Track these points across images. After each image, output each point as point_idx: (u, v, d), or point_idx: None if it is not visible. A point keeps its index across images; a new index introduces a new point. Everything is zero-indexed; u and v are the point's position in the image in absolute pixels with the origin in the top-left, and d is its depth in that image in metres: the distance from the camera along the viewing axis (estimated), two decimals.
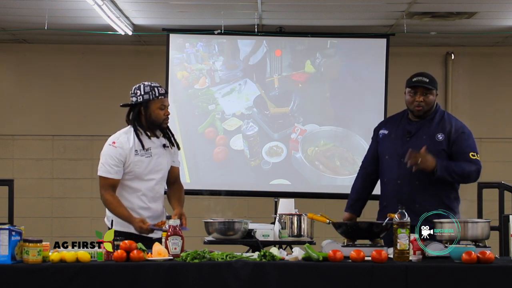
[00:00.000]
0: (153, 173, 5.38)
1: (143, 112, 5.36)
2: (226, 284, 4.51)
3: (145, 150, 5.35)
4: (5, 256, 4.52)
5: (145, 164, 5.34)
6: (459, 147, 5.49)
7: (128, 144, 5.34)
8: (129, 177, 5.34)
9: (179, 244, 4.83)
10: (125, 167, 5.33)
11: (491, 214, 7.40)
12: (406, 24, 8.56)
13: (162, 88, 5.43)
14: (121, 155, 5.31)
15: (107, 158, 5.33)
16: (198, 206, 8.35)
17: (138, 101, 5.38)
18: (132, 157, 5.32)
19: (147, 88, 5.39)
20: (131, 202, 5.35)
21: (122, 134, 5.42)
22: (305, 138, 9.05)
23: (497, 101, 10.13)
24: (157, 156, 5.39)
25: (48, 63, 10.09)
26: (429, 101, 5.54)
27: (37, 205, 10.00)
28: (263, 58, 9.11)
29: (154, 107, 5.35)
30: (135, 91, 5.42)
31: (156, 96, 5.37)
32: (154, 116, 5.35)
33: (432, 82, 5.57)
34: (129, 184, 5.35)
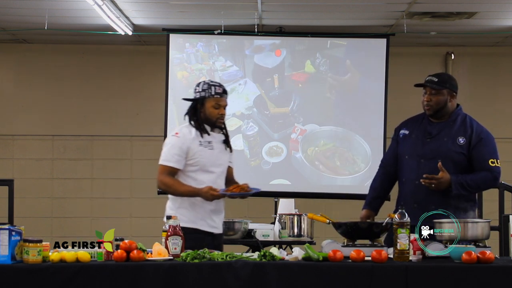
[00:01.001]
0: (215, 166, 5.43)
1: (199, 109, 5.45)
2: (226, 284, 4.51)
3: (207, 142, 5.42)
4: (5, 256, 4.52)
5: (208, 155, 5.40)
6: (478, 153, 5.48)
7: (190, 135, 5.42)
8: (194, 168, 5.38)
9: (179, 244, 4.83)
10: (189, 157, 5.37)
11: (491, 214, 7.40)
12: (406, 24, 8.56)
13: (220, 87, 5.47)
14: (184, 144, 5.37)
15: (169, 147, 5.42)
16: None
17: (196, 97, 5.47)
18: (196, 147, 5.38)
19: (205, 86, 5.46)
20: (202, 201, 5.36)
21: (184, 127, 5.51)
22: (305, 138, 9.05)
23: (497, 101, 10.13)
24: (218, 150, 5.47)
25: (48, 63, 10.09)
26: (438, 101, 5.50)
27: (37, 205, 10.00)
28: (263, 58, 9.11)
29: (209, 105, 5.43)
30: (195, 88, 5.52)
31: (211, 95, 5.43)
32: (208, 114, 5.42)
33: (442, 82, 5.52)
34: (194, 176, 5.39)
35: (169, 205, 5.50)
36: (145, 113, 10.09)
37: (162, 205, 10.02)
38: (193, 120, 5.47)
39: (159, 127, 9.22)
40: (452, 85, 5.57)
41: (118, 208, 10.06)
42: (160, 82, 9.32)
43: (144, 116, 10.09)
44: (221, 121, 5.47)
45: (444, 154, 5.44)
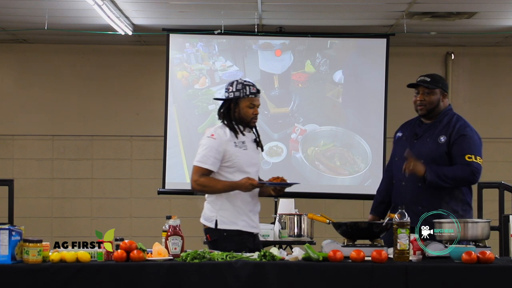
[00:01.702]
0: (250, 166, 5.42)
1: (233, 109, 5.41)
2: (226, 284, 4.51)
3: (241, 143, 5.40)
4: (5, 256, 4.52)
5: (243, 156, 5.38)
6: (456, 149, 5.46)
7: (226, 136, 5.38)
8: (231, 170, 5.37)
9: (179, 244, 4.83)
10: (226, 159, 5.35)
11: (491, 214, 7.40)
12: (406, 24, 8.56)
13: (254, 87, 5.45)
14: (220, 146, 5.34)
15: (205, 149, 5.37)
16: (198, 206, 8.34)
17: (229, 97, 5.42)
18: (232, 148, 5.36)
19: (239, 85, 5.41)
20: (235, 196, 5.36)
21: (217, 128, 5.46)
22: (305, 138, 9.05)
23: (497, 101, 10.13)
24: (251, 150, 5.45)
25: (48, 63, 10.09)
26: (431, 100, 5.55)
27: (37, 205, 10.00)
28: (263, 58, 9.11)
29: (243, 104, 5.39)
30: (228, 87, 5.46)
31: (246, 95, 5.40)
32: (243, 114, 5.39)
33: (435, 82, 5.57)
34: (231, 177, 5.37)
35: (208, 208, 5.45)
36: (145, 113, 10.09)
37: (162, 205, 10.12)
38: (226, 120, 5.43)
39: (159, 127, 9.22)
40: (444, 85, 5.64)
41: (118, 208, 10.06)
42: (160, 82, 9.32)
43: (144, 116, 10.09)
44: (255, 121, 5.45)
45: (426, 154, 5.48)
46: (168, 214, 5.19)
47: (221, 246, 5.12)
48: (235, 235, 5.25)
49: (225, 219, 5.31)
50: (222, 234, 5.30)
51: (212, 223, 5.35)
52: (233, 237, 5.23)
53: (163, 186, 9.02)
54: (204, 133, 5.47)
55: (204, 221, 5.42)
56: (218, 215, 5.33)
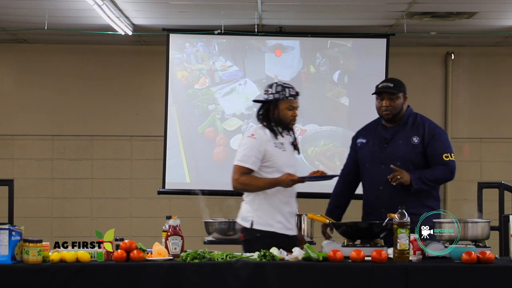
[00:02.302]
0: (288, 167, 5.45)
1: (272, 110, 5.46)
2: (226, 284, 4.51)
3: (280, 144, 5.46)
4: (5, 256, 4.53)
5: (283, 157, 5.43)
6: (432, 149, 5.59)
7: (266, 136, 5.44)
8: (270, 170, 5.41)
9: (179, 244, 4.83)
10: (266, 159, 5.40)
11: (491, 214, 7.40)
12: (406, 24, 8.56)
13: (293, 89, 5.50)
14: (261, 145, 5.39)
15: (246, 149, 5.42)
16: (198, 206, 8.35)
17: (269, 99, 5.47)
18: (272, 148, 5.41)
19: (279, 87, 5.47)
20: (274, 197, 5.39)
21: (257, 128, 5.52)
22: (305, 138, 9.05)
23: (497, 101, 10.12)
24: (289, 151, 5.51)
25: (48, 63, 10.09)
26: (396, 105, 5.65)
27: (37, 205, 10.00)
28: (263, 58, 9.11)
29: (283, 106, 5.45)
30: (267, 89, 5.52)
31: (286, 97, 5.45)
32: (282, 115, 5.45)
33: (398, 86, 5.69)
34: (270, 177, 5.40)
35: (245, 208, 5.48)
36: (145, 113, 10.08)
37: (162, 205, 10.12)
38: (266, 122, 5.49)
39: (159, 127, 9.22)
40: (405, 88, 5.76)
41: (118, 208, 10.06)
42: (160, 82, 9.31)
43: (144, 116, 10.08)
44: (294, 123, 5.52)
45: (401, 157, 5.57)
46: (168, 214, 5.20)
47: (253, 247, 5.11)
48: (268, 237, 5.27)
49: (261, 220, 5.35)
50: (255, 235, 5.33)
51: (248, 223, 5.39)
52: (266, 239, 5.25)
53: (163, 186, 9.01)
54: (243, 134, 5.56)
55: (241, 220, 5.46)
56: (254, 215, 5.37)
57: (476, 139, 10.09)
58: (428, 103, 10.00)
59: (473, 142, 10.08)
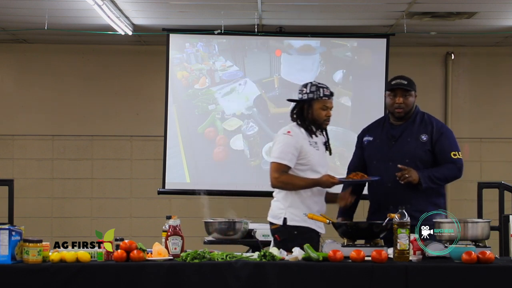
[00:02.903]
0: (321, 166, 5.50)
1: (306, 110, 5.48)
2: (226, 284, 4.52)
3: (314, 143, 5.49)
4: (5, 256, 4.53)
5: (316, 155, 5.46)
6: (441, 147, 5.61)
7: (300, 134, 5.47)
8: (304, 168, 5.43)
9: (179, 244, 4.83)
10: (301, 156, 5.42)
11: (491, 214, 7.40)
12: (406, 24, 8.56)
13: (328, 89, 5.52)
14: (297, 142, 5.42)
15: (282, 146, 5.44)
16: (198, 206, 8.36)
17: (303, 99, 5.48)
18: (307, 146, 5.44)
19: (313, 87, 5.49)
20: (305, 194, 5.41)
21: (293, 126, 5.54)
22: None
23: (497, 101, 10.12)
24: (322, 151, 5.55)
25: (48, 63, 10.09)
26: (409, 102, 5.66)
27: (37, 205, 10.00)
28: (263, 58, 9.11)
29: (317, 106, 5.48)
30: (302, 89, 5.53)
31: (320, 96, 5.48)
32: (316, 115, 5.47)
33: (411, 84, 5.68)
34: (303, 175, 5.43)
35: (276, 206, 5.50)
36: (145, 113, 10.08)
37: (162, 205, 10.11)
38: (300, 121, 5.50)
39: (159, 127, 9.22)
40: (416, 86, 5.77)
41: (118, 208, 10.06)
42: (160, 82, 9.31)
43: (144, 116, 10.08)
44: (327, 123, 5.54)
45: (410, 154, 5.60)
46: (168, 214, 5.20)
47: (291, 246, 5.04)
48: (306, 232, 5.31)
49: (295, 216, 5.36)
50: (292, 232, 5.34)
51: (280, 220, 5.41)
52: (304, 234, 5.28)
53: (163, 186, 9.01)
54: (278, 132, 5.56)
55: (272, 219, 5.48)
56: (287, 212, 5.39)
57: (476, 139, 10.09)
58: (428, 103, 9.99)
59: (473, 142, 10.08)
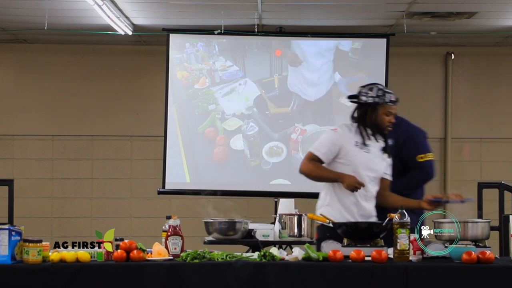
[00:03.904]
0: (368, 170, 5.40)
1: (369, 113, 5.40)
2: (226, 284, 4.51)
3: (364, 145, 5.39)
4: (5, 256, 4.53)
5: (362, 158, 5.36)
6: (405, 152, 5.65)
7: (348, 133, 5.41)
8: (346, 167, 5.36)
9: (179, 244, 4.83)
10: (341, 155, 5.37)
11: (491, 214, 7.40)
12: (406, 24, 8.56)
13: (393, 95, 5.44)
14: (338, 139, 5.38)
15: (323, 139, 5.44)
16: (198, 206, 8.36)
17: (367, 102, 5.41)
18: (350, 146, 5.37)
19: (379, 92, 5.41)
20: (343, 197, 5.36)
21: (343, 125, 5.51)
22: (305, 138, 9.04)
23: (497, 101, 10.12)
24: (375, 155, 5.42)
25: (48, 63, 10.09)
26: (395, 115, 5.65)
27: (37, 205, 10.00)
28: (263, 58, 9.11)
29: (381, 111, 5.39)
30: (367, 91, 5.43)
31: (385, 102, 5.39)
32: (379, 120, 5.39)
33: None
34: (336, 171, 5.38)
35: (318, 204, 5.51)
36: (145, 113, 10.08)
37: (162, 205, 10.11)
38: (361, 123, 5.42)
39: (159, 127, 9.22)
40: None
41: (118, 208, 10.06)
42: (160, 82, 9.31)
43: (144, 116, 10.09)
44: (389, 129, 5.44)
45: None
46: (168, 214, 5.20)
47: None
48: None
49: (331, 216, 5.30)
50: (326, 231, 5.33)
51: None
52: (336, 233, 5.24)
53: (163, 186, 9.01)
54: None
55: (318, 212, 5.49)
56: (324, 210, 5.38)
57: (476, 139, 10.09)
58: (428, 103, 10.01)
59: (473, 142, 10.08)
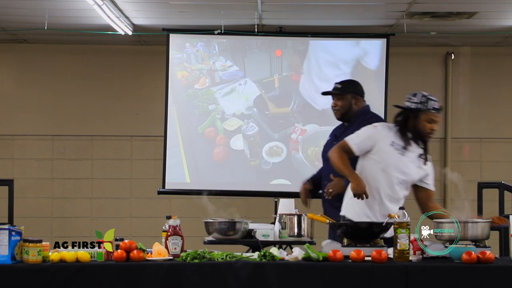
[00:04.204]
0: (398, 172, 5.42)
1: (411, 119, 5.42)
2: (226, 284, 4.51)
3: (400, 146, 5.41)
4: (5, 256, 4.53)
5: (395, 158, 5.39)
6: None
7: (387, 132, 5.43)
8: (378, 165, 5.40)
9: (179, 244, 4.83)
10: (374, 151, 5.41)
11: (491, 214, 7.39)
12: (406, 24, 8.56)
13: (437, 103, 5.43)
14: (375, 134, 5.42)
15: (360, 132, 5.48)
16: (198, 206, 8.36)
17: (410, 107, 5.42)
18: (385, 145, 5.40)
19: (423, 98, 5.41)
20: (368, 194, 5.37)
21: (385, 124, 5.57)
22: (305, 138, 9.05)
23: (497, 101, 10.12)
24: (410, 159, 5.44)
25: (48, 63, 10.09)
26: (342, 105, 5.86)
27: (37, 205, 10.00)
28: (263, 58, 9.11)
29: (423, 118, 5.40)
30: (410, 97, 5.46)
31: (428, 109, 5.39)
32: (420, 127, 5.40)
33: (344, 88, 5.86)
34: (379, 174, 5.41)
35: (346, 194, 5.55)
36: (145, 113, 10.09)
37: (162, 205, 10.11)
38: (402, 128, 5.43)
39: (159, 127, 9.22)
40: (356, 89, 5.90)
41: (118, 208, 10.06)
42: (160, 82, 9.31)
43: (144, 116, 10.09)
44: (430, 136, 5.46)
45: None
46: (168, 214, 5.20)
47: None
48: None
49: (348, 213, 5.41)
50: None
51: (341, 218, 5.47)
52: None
53: (163, 186, 9.02)
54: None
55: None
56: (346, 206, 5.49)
57: (476, 139, 10.09)
58: None
59: (473, 142, 10.08)
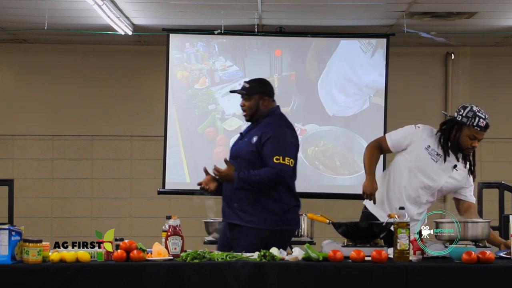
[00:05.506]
0: (425, 176, 5.49)
1: (454, 130, 5.45)
2: (226, 284, 4.51)
3: (436, 154, 5.47)
4: (5, 256, 4.53)
5: (425, 163, 5.47)
6: (264, 150, 5.53)
7: (426, 135, 5.50)
8: (405, 164, 5.50)
9: (179, 244, 4.83)
10: (408, 150, 5.50)
11: (491, 214, 7.40)
12: (406, 24, 8.56)
13: (484, 121, 5.43)
14: (412, 135, 5.51)
15: (401, 129, 5.57)
16: (198, 206, 8.36)
17: (456, 119, 5.46)
18: (420, 148, 5.48)
19: (470, 113, 5.44)
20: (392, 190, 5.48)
21: (428, 127, 5.59)
22: (305, 138, 9.04)
23: (497, 101, 10.12)
24: (441, 167, 5.49)
25: (48, 63, 10.09)
26: (249, 105, 5.71)
27: (37, 205, 10.00)
28: (263, 58, 9.11)
29: (466, 132, 5.44)
30: (460, 109, 5.50)
31: (472, 124, 5.42)
32: (461, 140, 5.45)
33: (252, 88, 5.72)
34: (405, 173, 5.48)
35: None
36: (145, 113, 10.08)
37: (162, 205, 10.11)
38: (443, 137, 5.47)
39: (159, 127, 9.22)
40: (263, 90, 5.74)
41: (118, 208, 10.06)
42: (160, 82, 9.32)
43: (144, 116, 10.09)
44: (469, 152, 5.49)
45: (240, 153, 5.65)
46: (168, 214, 5.20)
47: None
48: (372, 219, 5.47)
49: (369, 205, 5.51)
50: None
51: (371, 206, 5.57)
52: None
53: (163, 186, 9.02)
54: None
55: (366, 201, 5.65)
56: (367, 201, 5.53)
57: None
58: (428, 103, 10.00)
59: None
